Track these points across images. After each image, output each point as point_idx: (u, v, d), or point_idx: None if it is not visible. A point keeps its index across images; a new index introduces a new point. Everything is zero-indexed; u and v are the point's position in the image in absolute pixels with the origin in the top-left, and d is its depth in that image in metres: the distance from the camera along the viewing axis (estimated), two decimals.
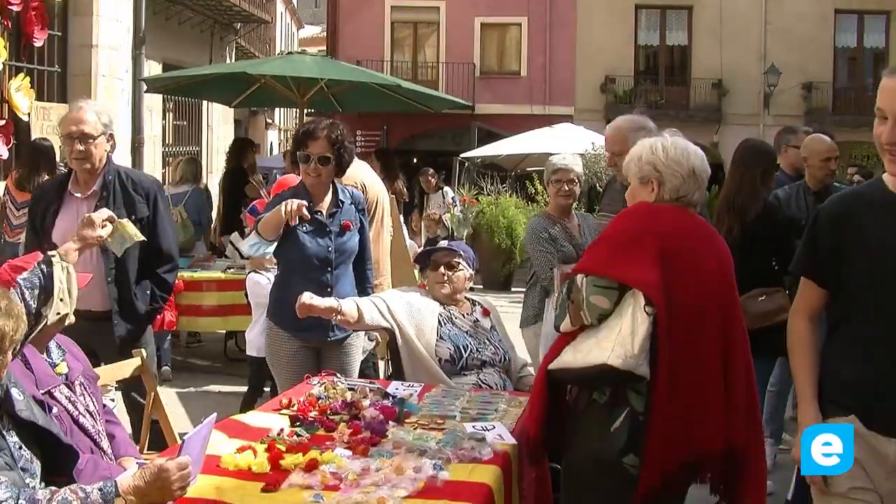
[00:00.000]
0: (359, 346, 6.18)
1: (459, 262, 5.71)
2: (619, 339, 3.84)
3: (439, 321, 5.49)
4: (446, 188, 17.26)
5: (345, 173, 6.12)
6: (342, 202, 5.98)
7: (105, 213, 4.71)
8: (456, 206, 18.01)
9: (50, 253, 4.04)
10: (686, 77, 34.01)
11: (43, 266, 3.95)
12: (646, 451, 3.87)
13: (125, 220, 5.25)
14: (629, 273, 3.93)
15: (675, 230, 4.14)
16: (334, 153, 5.81)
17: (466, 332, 5.52)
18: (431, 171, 17.22)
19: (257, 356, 7.73)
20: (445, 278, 5.67)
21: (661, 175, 4.16)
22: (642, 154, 4.22)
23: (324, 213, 5.88)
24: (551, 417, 4.15)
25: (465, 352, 5.39)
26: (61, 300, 3.94)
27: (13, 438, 3.43)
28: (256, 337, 7.72)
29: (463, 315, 5.64)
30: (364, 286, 6.14)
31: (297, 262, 5.84)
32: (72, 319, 4.12)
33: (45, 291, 3.88)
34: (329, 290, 5.73)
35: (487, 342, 5.52)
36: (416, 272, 8.59)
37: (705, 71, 33.26)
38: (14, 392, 3.50)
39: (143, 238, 5.44)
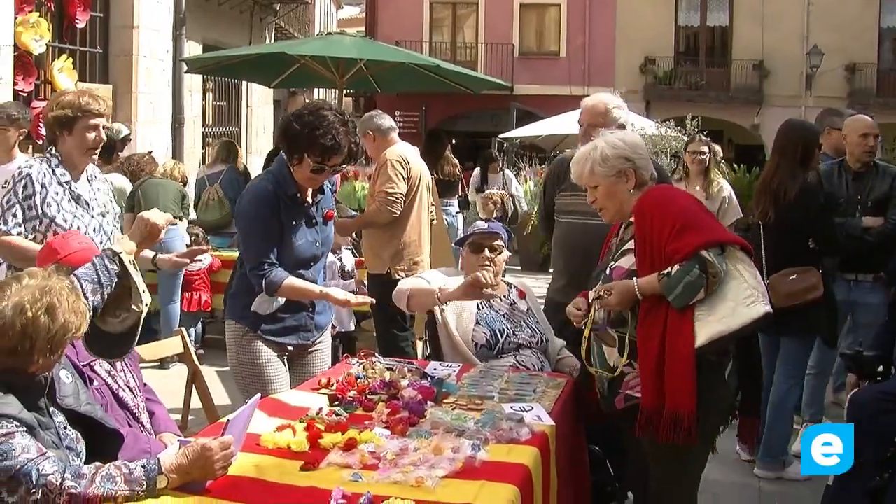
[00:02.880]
0: (328, 344, 5.61)
1: (501, 245, 5.64)
2: (760, 290, 4.22)
3: (478, 305, 5.46)
4: (507, 171, 17.13)
5: None
6: (323, 188, 5.40)
7: (169, 216, 4.67)
8: (520, 185, 17.89)
9: (113, 248, 4.06)
10: (727, 58, 33.80)
11: (106, 261, 3.97)
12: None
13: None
14: (730, 236, 4.41)
15: None
16: (348, 161, 5.28)
17: (504, 316, 5.48)
18: (496, 153, 17.11)
19: None
20: (489, 261, 5.56)
21: (634, 162, 4.53)
22: (607, 154, 4.54)
23: (309, 202, 5.28)
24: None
25: (502, 336, 5.36)
26: (144, 292, 3.98)
27: (59, 418, 3.48)
28: None
29: (500, 298, 5.58)
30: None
31: (284, 261, 5.13)
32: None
33: (101, 285, 3.91)
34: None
35: (524, 325, 5.49)
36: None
37: (746, 52, 33.02)
38: (63, 374, 3.56)
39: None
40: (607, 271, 4.57)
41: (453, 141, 21.56)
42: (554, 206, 6.16)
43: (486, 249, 5.59)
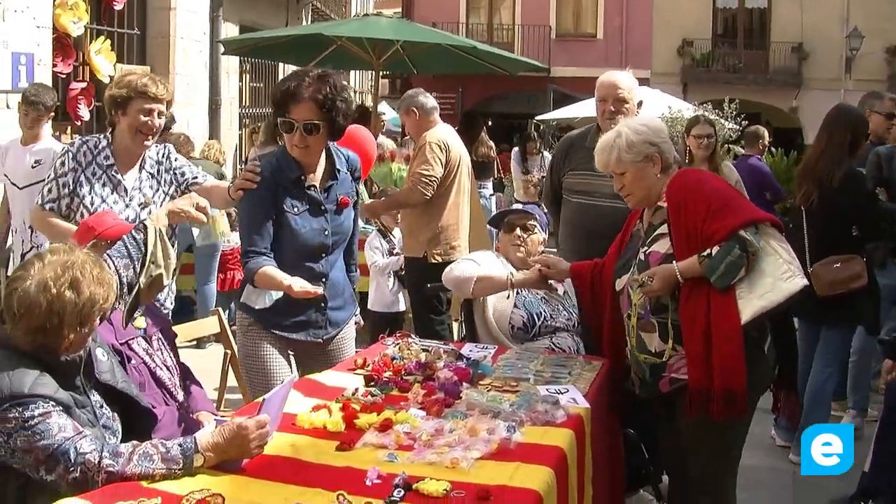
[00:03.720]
0: (349, 341, 5.28)
1: (535, 226, 5.64)
2: (795, 264, 4.29)
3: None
4: (545, 153, 17.11)
5: (342, 136, 5.01)
6: (338, 171, 5.00)
7: (204, 201, 4.62)
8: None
9: (144, 222, 4.12)
10: (765, 40, 33.48)
11: (134, 234, 4.02)
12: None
13: (219, 214, 5.01)
14: (764, 214, 4.44)
15: None
16: (324, 118, 4.74)
17: (541, 299, 5.46)
18: (535, 134, 17.06)
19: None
20: (520, 241, 5.59)
21: (658, 146, 4.55)
22: (633, 140, 4.54)
23: (317, 187, 4.92)
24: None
25: (539, 319, 5.35)
26: (153, 263, 4.00)
27: (95, 397, 3.51)
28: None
29: None
30: (349, 261, 5.32)
31: (287, 251, 4.84)
32: (167, 281, 4.16)
33: (132, 259, 3.95)
34: (324, 279, 4.94)
35: (561, 308, 5.47)
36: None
37: (785, 34, 32.68)
38: (99, 352, 3.59)
39: (228, 237, 5.25)
40: (641, 257, 4.56)
41: (489, 123, 21.56)
42: (561, 186, 6.16)
43: (519, 228, 5.60)
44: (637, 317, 4.52)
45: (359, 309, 5.48)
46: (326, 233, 4.94)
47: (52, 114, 8.10)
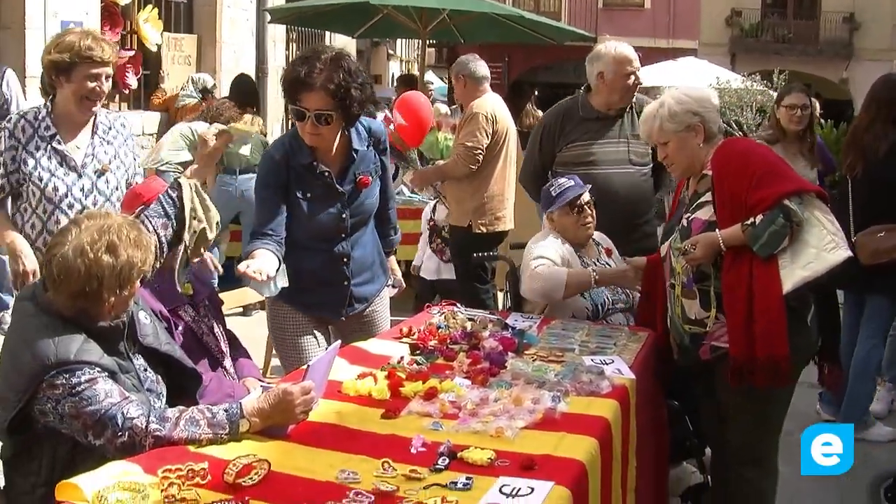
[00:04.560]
0: (383, 310, 5.17)
1: (591, 199, 5.39)
2: (839, 235, 4.27)
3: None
4: None
5: (357, 121, 4.75)
6: (356, 151, 4.76)
7: (214, 128, 4.42)
8: None
9: (178, 178, 4.06)
10: (816, 10, 33.11)
11: (169, 192, 4.00)
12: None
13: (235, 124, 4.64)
14: (808, 184, 4.48)
15: None
16: (337, 106, 4.49)
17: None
18: None
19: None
20: (591, 219, 5.38)
21: (702, 116, 4.53)
22: (675, 110, 4.53)
23: (331, 172, 4.72)
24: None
25: (602, 309, 5.27)
26: (194, 218, 4.00)
27: (139, 361, 3.54)
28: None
29: (594, 262, 5.39)
30: (387, 228, 5.21)
31: (303, 237, 4.72)
32: (211, 235, 4.11)
33: (170, 217, 3.94)
34: (346, 259, 4.83)
35: (619, 290, 5.37)
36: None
37: (836, 4, 32.30)
38: (141, 315, 3.61)
39: (255, 130, 5.00)
40: (684, 223, 4.56)
41: (536, 92, 21.47)
42: (553, 160, 6.04)
43: (586, 207, 5.35)
44: (681, 285, 4.51)
45: (393, 278, 5.40)
46: (343, 216, 4.76)
47: None
